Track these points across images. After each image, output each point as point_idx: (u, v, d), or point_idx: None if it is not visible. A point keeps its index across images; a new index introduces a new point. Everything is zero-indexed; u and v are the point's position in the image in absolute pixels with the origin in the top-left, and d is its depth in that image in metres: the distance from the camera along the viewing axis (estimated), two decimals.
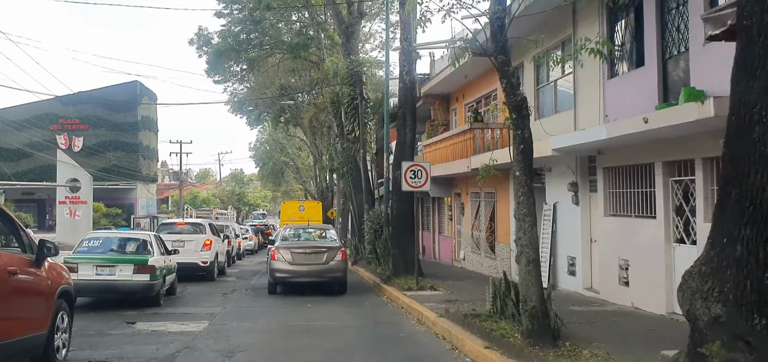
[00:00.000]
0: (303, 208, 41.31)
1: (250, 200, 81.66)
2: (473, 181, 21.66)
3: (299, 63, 45.51)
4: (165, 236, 20.60)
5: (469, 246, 22.65)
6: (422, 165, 16.54)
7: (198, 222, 21.70)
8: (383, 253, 20.36)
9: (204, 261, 20.44)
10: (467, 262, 22.85)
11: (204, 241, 20.66)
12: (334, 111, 29.40)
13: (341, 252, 16.90)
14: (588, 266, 14.95)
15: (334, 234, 18.53)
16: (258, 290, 18.30)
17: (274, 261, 16.72)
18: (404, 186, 16.40)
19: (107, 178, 52.16)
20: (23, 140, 52.02)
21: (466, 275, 20.59)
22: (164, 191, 69.19)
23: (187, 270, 20.58)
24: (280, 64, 46.67)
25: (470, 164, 18.68)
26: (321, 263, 16.65)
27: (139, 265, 13.87)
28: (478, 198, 21.72)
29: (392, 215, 18.31)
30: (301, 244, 17.37)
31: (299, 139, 62.52)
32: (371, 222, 22.45)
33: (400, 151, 18.07)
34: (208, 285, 19.72)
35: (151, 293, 14.06)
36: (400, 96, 18.09)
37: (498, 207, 19.95)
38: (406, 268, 17.79)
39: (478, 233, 21.54)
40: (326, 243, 17.53)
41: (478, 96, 21.94)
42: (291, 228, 19.40)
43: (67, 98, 52.61)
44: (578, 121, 14.83)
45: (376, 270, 21.02)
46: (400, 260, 17.96)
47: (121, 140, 54.14)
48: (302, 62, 44.51)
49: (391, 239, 18.66)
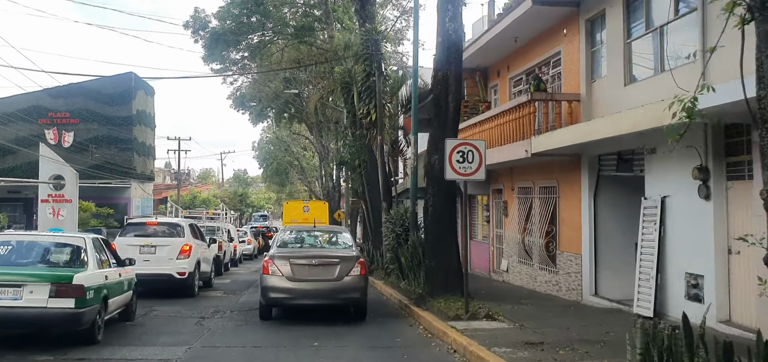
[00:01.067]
0: (307, 209, 36.33)
1: (254, 201, 76.73)
2: (524, 172, 16.65)
3: (304, 50, 40.75)
4: (130, 240, 15.69)
5: (515, 254, 17.63)
6: (474, 143, 11.53)
7: (175, 223, 16.68)
8: (410, 264, 15.36)
9: (180, 271, 15.45)
10: (512, 275, 17.82)
11: (181, 246, 15.67)
12: (344, 94, 24.48)
13: (359, 265, 11.89)
14: (724, 289, 9.91)
15: (348, 239, 13.50)
16: (248, 313, 13.31)
17: (268, 277, 11.72)
18: (449, 174, 11.41)
19: (99, 176, 47.28)
20: (8, 135, 47.10)
21: (517, 293, 15.55)
22: (163, 191, 64.28)
23: (159, 283, 15.67)
24: (284, 52, 41.92)
25: (530, 148, 13.68)
26: (331, 279, 11.66)
27: (60, 285, 8.87)
28: (530, 194, 16.69)
29: (427, 215, 13.28)
30: (304, 253, 12.37)
31: (304, 138, 57.89)
32: (392, 225, 17.43)
33: (438, 128, 13.04)
34: (184, 303, 14.74)
35: (80, 326, 9.08)
36: (439, 53, 13.07)
37: (561, 205, 14.94)
38: (447, 286, 12.79)
39: (531, 239, 16.51)
40: (339, 252, 12.54)
41: (530, 64, 16.93)
42: (292, 230, 14.34)
43: (56, 90, 47.82)
44: (710, 75, 9.80)
45: (399, 285, 16.03)
46: (439, 275, 12.94)
47: (114, 135, 49.19)
48: (308, 49, 39.75)
49: (425, 247, 13.65)
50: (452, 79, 12.81)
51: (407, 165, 25.55)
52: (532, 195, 16.51)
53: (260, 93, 46.86)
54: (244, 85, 48.75)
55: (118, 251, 15.20)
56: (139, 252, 15.35)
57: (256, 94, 47.50)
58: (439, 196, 13.01)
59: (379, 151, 19.70)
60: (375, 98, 20.04)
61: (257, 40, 38.72)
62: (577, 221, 14.08)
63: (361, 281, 11.83)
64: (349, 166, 25.42)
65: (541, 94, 13.98)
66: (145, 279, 15.33)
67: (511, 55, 17.86)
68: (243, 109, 50.87)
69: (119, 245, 15.49)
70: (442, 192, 12.99)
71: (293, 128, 53.96)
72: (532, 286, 16.33)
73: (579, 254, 14.00)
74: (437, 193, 13.01)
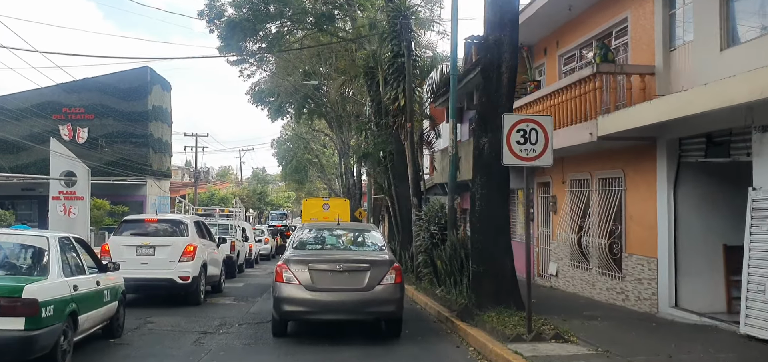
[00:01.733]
0: (328, 207, 33.99)
1: (273, 199, 74.67)
2: (579, 162, 14.16)
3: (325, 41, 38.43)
4: (126, 239, 13.45)
5: (567, 257, 15.15)
6: (537, 120, 9.07)
7: (177, 220, 14.36)
8: (448, 268, 12.94)
9: (183, 275, 13.15)
10: (562, 280, 15.35)
11: (184, 247, 13.36)
12: (367, 82, 22.13)
13: (394, 271, 9.49)
14: None
15: (378, 239, 11.03)
16: (259, 328, 11.00)
17: (282, 286, 9.37)
18: (507, 158, 8.97)
19: (114, 173, 45.43)
20: (22, 131, 45.40)
21: (574, 303, 13.07)
22: (181, 189, 62.40)
23: (159, 289, 13.45)
24: (303, 43, 39.65)
25: (596, 130, 11.20)
26: (360, 288, 9.28)
27: (4, 300, 6.62)
28: (585, 187, 14.20)
29: (474, 210, 10.83)
30: (326, 256, 9.98)
31: (324, 135, 55.72)
32: (426, 223, 14.99)
33: (488, 104, 10.55)
34: (186, 313, 12.46)
35: (32, 353, 6.80)
36: (489, 13, 10.52)
37: (628, 199, 12.43)
38: (499, 296, 10.37)
39: (588, 239, 14.00)
40: (368, 255, 10.16)
41: (586, 37, 14.43)
42: (311, 228, 11.80)
43: (70, 85, 46.00)
44: None
45: (434, 292, 13.63)
46: (488, 282, 10.51)
47: (129, 131, 47.26)
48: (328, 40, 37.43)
49: (471, 248, 11.20)
50: (507, 44, 10.34)
51: (435, 159, 23.12)
52: (589, 188, 14.01)
53: (279, 87, 44.72)
54: (263, 80, 46.69)
55: (111, 252, 13.10)
56: (135, 254, 13.16)
57: (275, 88, 45.38)
58: (490, 188, 10.55)
59: (408, 139, 17.28)
60: (404, 81, 17.65)
61: (275, 30, 36.50)
62: (650, 218, 11.58)
63: (396, 291, 9.44)
64: (372, 158, 23.03)
65: (609, 66, 11.47)
66: (143, 285, 13.16)
67: (562, 28, 15.37)
68: (261, 104, 48.83)
69: (113, 245, 13.30)
70: (494, 182, 10.54)
71: (313, 124, 51.77)
72: (589, 294, 13.84)
73: (653, 257, 11.50)
74: (487, 184, 10.56)
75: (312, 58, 40.36)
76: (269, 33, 36.40)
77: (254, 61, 40.14)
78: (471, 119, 23.42)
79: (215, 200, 58.23)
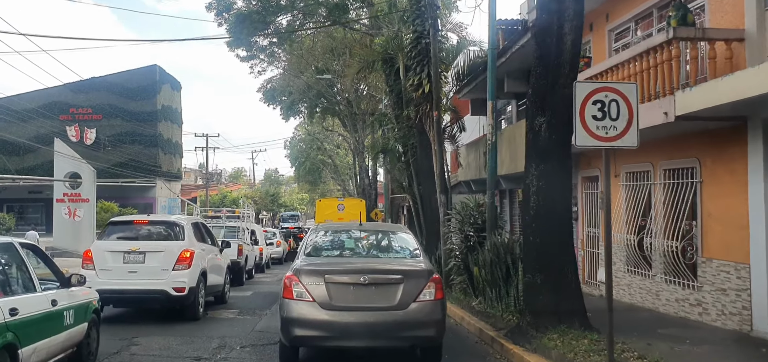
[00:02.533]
0: (342, 208, 32.00)
1: (285, 201, 72.73)
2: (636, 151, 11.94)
3: (339, 37, 36.44)
4: (112, 244, 11.46)
5: (621, 261, 12.95)
6: (618, 88, 6.94)
7: (172, 222, 12.26)
8: (489, 277, 10.80)
9: (178, 286, 11.07)
10: (615, 287, 13.13)
11: (179, 253, 11.29)
12: (385, 70, 20.05)
13: (434, 284, 7.38)
14: None
15: (411, 242, 8.81)
16: (264, 350, 8.94)
17: (292, 303, 7.27)
18: (581, 138, 6.85)
19: (122, 174, 43.68)
20: (29, 132, 43.72)
21: (636, 316, 10.90)
22: (192, 191, 60.65)
23: (150, 302, 11.44)
24: (315, 38, 37.70)
25: (673, 108, 9.03)
26: (391, 307, 7.17)
27: None
28: (646, 180, 12.00)
29: (528, 207, 8.66)
30: (346, 265, 7.83)
31: (338, 134, 53.76)
32: (459, 222, 12.82)
33: (544, 76, 8.41)
34: (180, 331, 10.43)
35: None
36: None
37: (707, 193, 10.23)
38: (560, 313, 8.24)
39: (650, 241, 11.79)
40: (400, 264, 8.01)
41: (646, 5, 12.23)
42: (327, 230, 9.42)
43: (78, 85, 44.33)
44: None
45: (470, 305, 11.51)
46: (547, 295, 8.36)
47: (138, 132, 45.52)
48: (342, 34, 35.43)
49: (524, 253, 9.04)
50: (572, 7, 8.17)
51: (460, 154, 20.99)
52: (651, 181, 11.81)
53: (291, 85, 42.85)
54: (274, 78, 44.87)
55: (94, 260, 11.10)
56: (122, 261, 11.15)
57: (287, 86, 43.51)
58: (549, 178, 8.41)
59: (434, 130, 15.13)
60: (428, 65, 15.56)
61: (286, 24, 34.54)
62: (738, 216, 9.38)
63: (436, 310, 7.33)
64: (392, 154, 20.93)
65: (688, 31, 9.27)
66: (131, 298, 11.15)
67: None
68: (274, 103, 47.04)
69: (96, 252, 11.28)
70: (554, 171, 8.40)
71: (326, 123, 49.85)
72: (652, 304, 11.65)
73: (744, 263, 9.30)
74: (545, 174, 8.41)
75: (325, 55, 38.43)
76: (280, 27, 34.51)
77: (265, 56, 38.28)
78: (499, 110, 21.28)
79: (227, 202, 56.36)
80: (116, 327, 10.49)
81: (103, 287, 10.80)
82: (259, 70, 39.64)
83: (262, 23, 32.78)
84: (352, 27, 31.98)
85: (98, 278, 10.89)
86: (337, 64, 37.27)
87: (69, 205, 33.06)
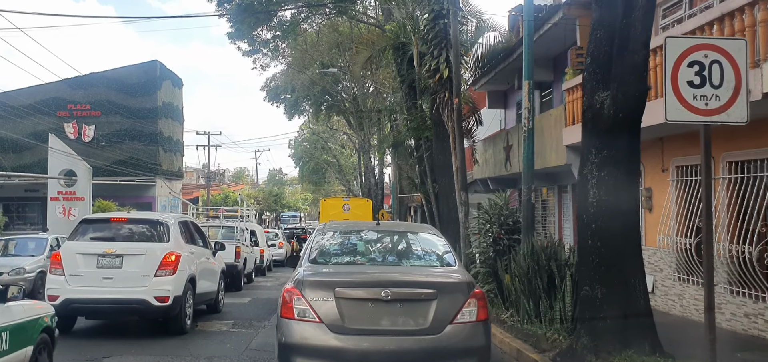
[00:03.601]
0: (348, 208, 30.18)
1: (289, 202, 71.08)
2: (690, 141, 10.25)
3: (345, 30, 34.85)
4: (84, 245, 9.78)
5: (671, 268, 11.23)
6: (722, 46, 5.24)
7: (155, 220, 10.50)
8: (528, 287, 9.06)
9: (161, 296, 9.35)
10: (661, 298, 11.42)
11: (163, 256, 9.58)
12: (396, 59, 18.39)
13: (475, 300, 5.67)
14: None
15: (439, 244, 6.91)
16: None
17: (293, 325, 5.55)
18: (673, 110, 5.15)
19: (121, 173, 42.03)
20: (26, 129, 42.12)
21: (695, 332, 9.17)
22: (194, 191, 59.03)
23: (129, 313, 9.77)
24: (320, 32, 36.12)
25: (761, 82, 7.32)
26: (422, 330, 5.47)
27: None
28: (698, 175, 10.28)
29: (587, 203, 6.93)
30: (362, 275, 6.02)
31: (343, 133, 52.19)
32: (486, 223, 11.06)
33: (606, 39, 6.68)
34: (161, 349, 8.74)
35: None
36: None
37: None
38: (626, 333, 6.54)
39: (717, 246, 10.04)
40: (430, 273, 6.27)
41: None
42: (335, 230, 7.46)
43: (76, 80, 42.69)
44: None
45: (501, 318, 9.78)
46: (610, 311, 6.63)
47: (138, 129, 43.77)
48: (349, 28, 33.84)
49: (578, 260, 7.30)
50: None
51: (476, 150, 19.28)
52: (712, 175, 10.07)
53: (295, 81, 41.28)
54: (278, 75, 43.31)
55: (63, 263, 9.43)
56: (96, 265, 9.44)
57: (291, 82, 41.96)
58: (613, 169, 6.68)
59: (454, 119, 13.39)
60: (447, 49, 13.87)
61: (291, 17, 32.91)
62: None
63: (478, 334, 5.64)
64: (403, 150, 19.22)
65: None
66: (105, 309, 9.49)
67: None
68: (277, 101, 45.49)
69: (66, 254, 9.60)
70: (620, 158, 6.68)
71: (331, 122, 48.29)
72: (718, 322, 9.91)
73: None
74: (608, 162, 6.68)
75: (330, 50, 36.86)
76: (284, 19, 32.89)
77: (268, 50, 36.63)
78: (519, 103, 19.58)
79: (229, 202, 54.72)
80: (84, 344, 8.82)
81: (72, 295, 9.23)
82: (262, 65, 38.10)
83: (266, 14, 31.19)
84: (359, 19, 30.39)
85: (68, 285, 9.26)
86: (343, 60, 35.70)
87: (64, 204, 31.58)
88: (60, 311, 9.24)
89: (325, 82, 37.88)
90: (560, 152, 13.31)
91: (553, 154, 13.61)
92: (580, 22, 13.20)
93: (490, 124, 21.43)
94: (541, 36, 14.10)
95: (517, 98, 19.50)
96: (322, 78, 37.56)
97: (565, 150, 12.94)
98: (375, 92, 38.25)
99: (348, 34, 34.16)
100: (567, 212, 15.86)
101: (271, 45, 35.72)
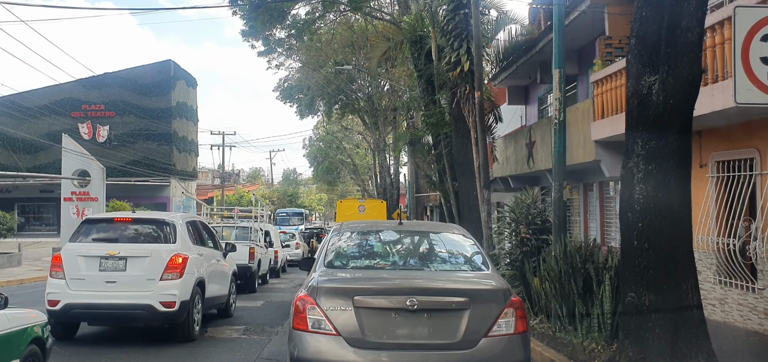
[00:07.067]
0: (363, 208, 29.65)
1: (304, 202, 70.62)
2: (733, 133, 9.53)
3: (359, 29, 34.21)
4: (86, 247, 9.20)
5: (710, 270, 10.46)
6: None
7: (161, 220, 9.89)
8: (561, 291, 8.34)
9: (167, 301, 8.75)
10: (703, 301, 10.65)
11: (169, 258, 8.98)
12: (414, 53, 17.71)
13: (513, 311, 5.00)
14: None
15: (467, 246, 6.26)
16: None
17: (306, 338, 4.91)
18: (744, 91, 4.46)
19: (136, 173, 41.77)
20: (40, 129, 42.00)
21: (755, 344, 8.44)
22: (209, 191, 58.75)
23: (133, 319, 9.17)
24: (334, 30, 35.50)
25: None
26: (452, 344, 4.80)
27: None
28: (748, 170, 9.51)
29: (632, 199, 6.21)
30: (385, 281, 5.35)
31: (357, 132, 51.57)
32: (512, 222, 10.36)
33: (654, 18, 5.96)
34: (166, 357, 8.15)
35: None
36: None
37: None
38: (678, 346, 5.82)
39: (755, 247, 9.28)
40: (459, 279, 5.57)
41: None
42: (353, 230, 6.67)
43: (90, 81, 42.50)
44: None
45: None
46: (659, 321, 5.93)
47: (152, 129, 43.54)
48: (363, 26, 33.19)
49: (622, 263, 6.55)
50: None
51: (496, 147, 18.55)
52: (757, 171, 9.32)
53: (309, 80, 40.71)
54: (291, 76, 42.74)
55: (64, 266, 8.87)
56: (98, 268, 8.85)
57: (304, 81, 41.39)
58: (663, 162, 5.96)
59: (476, 114, 12.69)
60: (468, 40, 13.18)
61: (305, 14, 32.35)
62: None
63: (517, 348, 4.96)
64: (421, 147, 18.52)
65: None
66: (108, 315, 8.90)
67: None
68: (290, 101, 44.91)
69: (67, 256, 9.02)
70: (671, 150, 5.96)
71: (345, 121, 47.68)
72: (759, 326, 9.16)
73: None
74: (657, 155, 5.96)
75: (344, 48, 36.27)
76: (298, 18, 32.34)
77: (283, 50, 36.11)
78: (541, 98, 18.85)
79: (244, 202, 54.27)
80: (85, 353, 8.25)
81: (74, 300, 8.67)
82: (277, 64, 37.55)
83: (279, 12, 30.65)
84: (374, 15, 29.73)
85: (69, 289, 8.70)
86: (357, 58, 35.08)
87: (77, 204, 31.19)
88: (61, 317, 8.76)
89: (339, 80, 37.32)
90: (588, 148, 12.57)
91: (580, 149, 12.86)
92: (608, 11, 12.44)
93: (510, 121, 20.70)
94: (566, 26, 13.36)
95: (538, 93, 18.75)
96: (337, 77, 37.01)
97: (594, 145, 12.20)
98: (390, 90, 37.61)
99: (362, 31, 33.54)
100: (593, 212, 15.09)
101: (285, 44, 35.23)
